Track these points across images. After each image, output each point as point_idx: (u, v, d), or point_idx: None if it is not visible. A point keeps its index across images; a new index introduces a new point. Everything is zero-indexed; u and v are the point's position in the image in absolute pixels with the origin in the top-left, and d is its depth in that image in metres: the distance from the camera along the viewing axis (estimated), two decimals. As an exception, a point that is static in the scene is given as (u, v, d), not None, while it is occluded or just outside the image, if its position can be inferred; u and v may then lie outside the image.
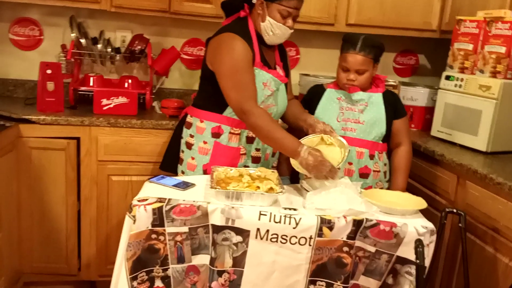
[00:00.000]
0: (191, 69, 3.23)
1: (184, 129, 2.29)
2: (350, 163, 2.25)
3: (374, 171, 2.26)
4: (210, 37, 2.21)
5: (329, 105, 2.33)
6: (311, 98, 2.40)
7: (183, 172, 2.26)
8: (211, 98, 2.19)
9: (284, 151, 2.05)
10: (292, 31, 2.16)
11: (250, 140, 2.21)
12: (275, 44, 2.22)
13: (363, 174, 2.25)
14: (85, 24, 3.01)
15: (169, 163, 2.36)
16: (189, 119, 2.28)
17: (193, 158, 2.24)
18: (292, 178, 2.37)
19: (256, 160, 2.24)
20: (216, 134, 2.19)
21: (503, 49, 2.40)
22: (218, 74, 2.11)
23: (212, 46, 2.16)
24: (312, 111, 2.33)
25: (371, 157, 2.26)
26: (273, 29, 2.12)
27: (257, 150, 2.24)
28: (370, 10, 2.97)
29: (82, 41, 2.81)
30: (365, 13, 2.97)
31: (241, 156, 2.21)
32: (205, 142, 2.21)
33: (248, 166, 2.21)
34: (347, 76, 2.23)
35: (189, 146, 2.25)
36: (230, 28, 2.14)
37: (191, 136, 2.24)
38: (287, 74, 2.32)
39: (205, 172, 2.20)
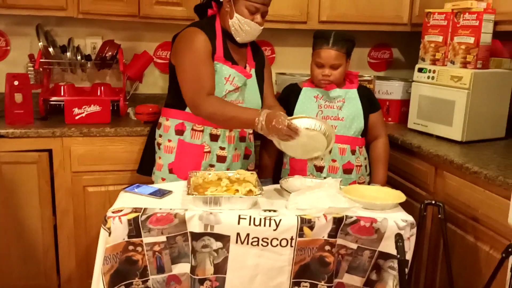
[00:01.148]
0: (165, 73, 3.18)
1: (156, 130, 2.29)
2: (333, 160, 2.25)
3: (356, 166, 2.28)
4: (176, 34, 2.20)
5: (308, 104, 2.32)
6: (287, 98, 2.38)
7: (154, 173, 2.26)
8: (175, 94, 2.18)
9: (245, 126, 2.07)
10: (261, 28, 2.14)
11: (214, 138, 2.18)
12: (245, 41, 2.20)
13: (347, 170, 2.26)
14: (53, 32, 2.94)
15: (145, 166, 2.34)
16: (160, 119, 2.29)
17: (160, 158, 2.24)
18: (275, 180, 2.34)
19: (221, 159, 2.21)
20: (180, 132, 2.18)
21: (471, 40, 2.42)
22: (177, 68, 2.12)
23: (175, 41, 2.17)
24: (289, 110, 2.31)
25: (353, 152, 2.27)
26: (242, 26, 2.10)
27: (222, 148, 2.20)
28: (342, 5, 2.97)
29: (50, 49, 2.75)
30: (337, 9, 2.97)
31: (205, 154, 2.18)
32: (169, 141, 2.20)
33: (213, 165, 2.19)
34: (322, 72, 2.23)
35: (158, 146, 2.25)
36: (194, 24, 2.16)
37: (160, 136, 2.25)
38: (261, 77, 2.29)
39: (171, 171, 2.19)
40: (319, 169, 2.26)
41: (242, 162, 2.29)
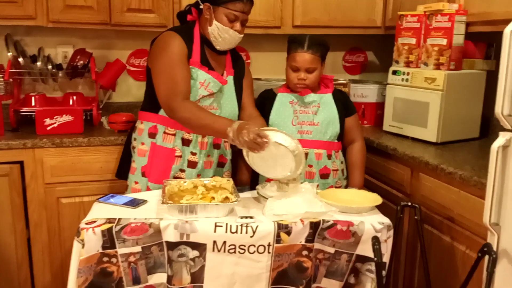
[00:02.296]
0: (139, 80, 3.15)
1: (132, 134, 2.29)
2: (310, 166, 2.25)
3: (333, 170, 2.27)
4: (154, 38, 2.20)
5: (283, 109, 2.31)
6: (262, 104, 2.37)
7: (128, 177, 2.26)
8: (150, 98, 2.18)
9: (217, 134, 2.05)
10: (241, 36, 2.14)
11: (186, 142, 2.16)
12: (224, 49, 2.19)
13: (324, 175, 2.25)
14: (22, 42, 2.88)
15: (123, 170, 2.32)
16: (136, 123, 2.29)
17: (133, 161, 2.22)
18: (252, 187, 2.32)
19: (192, 165, 2.18)
20: (152, 134, 2.17)
21: (444, 41, 2.44)
22: (152, 71, 2.12)
23: (152, 45, 2.17)
24: (265, 117, 2.31)
25: (329, 157, 2.27)
26: (220, 33, 2.10)
27: (193, 154, 2.18)
28: (315, 10, 2.98)
29: (20, 60, 2.70)
30: (311, 14, 2.98)
31: (176, 158, 2.16)
32: (142, 144, 2.20)
33: (184, 170, 2.17)
34: (297, 76, 2.23)
35: (133, 149, 2.24)
36: (172, 28, 2.17)
37: (134, 139, 2.24)
38: (240, 85, 2.28)
39: (143, 174, 2.18)
40: None
41: (215, 170, 2.26)
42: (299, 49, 2.21)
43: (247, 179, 2.36)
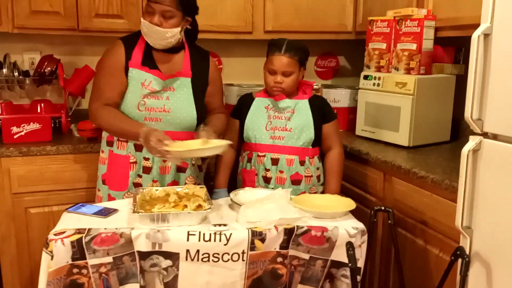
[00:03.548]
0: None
1: None
2: (281, 171, 2.23)
3: (306, 176, 2.25)
4: None
5: (258, 114, 2.30)
6: (240, 108, 2.36)
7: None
8: None
9: (133, 138, 2.04)
10: (164, 30, 2.03)
11: (138, 148, 2.12)
12: (157, 45, 2.10)
13: (295, 181, 2.23)
14: (-13, 49, 2.81)
15: None
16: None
17: (97, 170, 2.23)
18: (230, 189, 2.30)
19: (146, 171, 2.14)
20: (110, 142, 2.18)
21: (414, 46, 2.48)
22: None
23: None
24: (242, 121, 2.31)
25: (302, 163, 2.24)
26: (143, 28, 2.07)
27: (146, 159, 2.14)
28: (286, 16, 2.98)
29: (-14, 66, 2.63)
30: (282, 19, 2.98)
31: (132, 164, 2.13)
32: (102, 152, 2.21)
33: (141, 176, 2.14)
34: (274, 79, 2.22)
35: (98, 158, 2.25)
36: (123, 36, 2.19)
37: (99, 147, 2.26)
38: (200, 86, 2.22)
39: (104, 182, 2.17)
40: (267, 180, 2.24)
41: (175, 175, 2.20)
42: (276, 52, 2.20)
43: (224, 182, 2.35)
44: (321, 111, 2.29)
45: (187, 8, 2.09)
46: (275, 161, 2.23)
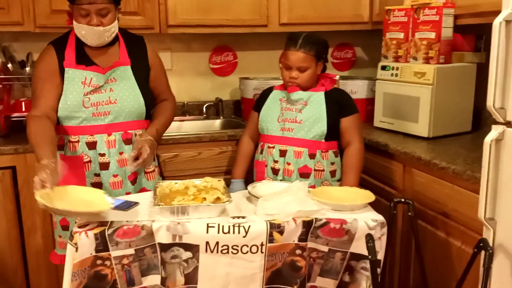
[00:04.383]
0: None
1: None
2: (288, 163, 2.23)
3: (316, 170, 2.22)
4: None
5: (272, 106, 2.32)
6: (259, 100, 2.39)
7: None
8: None
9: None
10: (103, 28, 1.99)
11: (91, 146, 2.08)
12: (97, 44, 2.06)
13: (303, 174, 2.22)
14: (11, 48, 2.86)
15: None
16: None
17: None
18: (247, 181, 2.33)
19: (104, 167, 2.10)
20: (60, 146, 2.10)
21: (432, 35, 2.44)
22: None
23: None
24: (259, 112, 2.35)
25: (312, 156, 2.22)
26: (79, 31, 2.02)
27: (102, 155, 2.09)
28: (301, 7, 2.97)
29: (9, 65, 2.68)
30: (297, 11, 2.97)
31: (86, 164, 2.09)
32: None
33: (98, 174, 2.10)
34: (289, 74, 2.22)
35: None
36: (53, 40, 2.14)
37: None
38: (142, 72, 2.17)
39: None
40: (275, 171, 2.25)
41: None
42: (292, 47, 2.19)
43: (241, 173, 2.38)
44: (339, 104, 2.25)
45: None
46: (283, 153, 2.23)
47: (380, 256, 1.80)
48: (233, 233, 1.72)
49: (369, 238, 1.72)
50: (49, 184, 1.66)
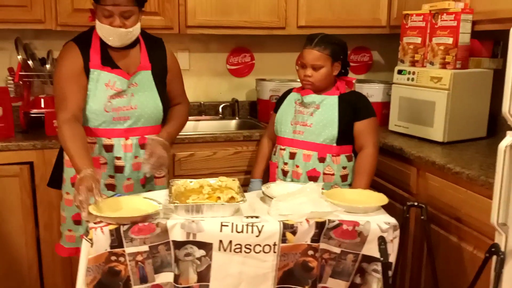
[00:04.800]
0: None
1: None
2: (297, 166, 2.25)
3: (325, 174, 2.22)
4: None
5: (287, 108, 2.34)
6: (278, 102, 2.43)
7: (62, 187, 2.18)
8: None
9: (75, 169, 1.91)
10: (127, 30, 1.99)
11: (108, 148, 2.08)
12: (119, 45, 2.06)
13: (312, 177, 2.22)
14: (32, 45, 2.92)
15: (54, 179, 2.23)
16: None
17: (64, 172, 2.16)
18: (265, 181, 2.37)
19: (119, 170, 2.10)
20: None
21: (450, 40, 2.44)
22: None
23: None
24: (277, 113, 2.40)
25: (321, 160, 2.22)
26: (102, 32, 2.02)
27: (118, 158, 2.09)
28: (320, 10, 2.99)
29: (30, 62, 2.73)
30: (315, 14, 2.99)
31: (102, 165, 2.08)
32: None
33: (113, 176, 2.10)
34: (304, 72, 2.23)
35: (64, 161, 2.16)
36: (74, 37, 2.11)
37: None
38: (162, 77, 2.17)
39: (73, 185, 2.05)
40: (284, 173, 2.29)
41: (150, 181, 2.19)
42: (308, 46, 2.21)
43: (259, 173, 2.43)
44: (354, 108, 2.23)
45: (141, 1, 2.03)
46: (292, 155, 2.26)
47: (392, 259, 1.80)
48: (247, 232, 1.73)
49: (382, 241, 1.73)
50: (97, 194, 1.74)
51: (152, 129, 2.14)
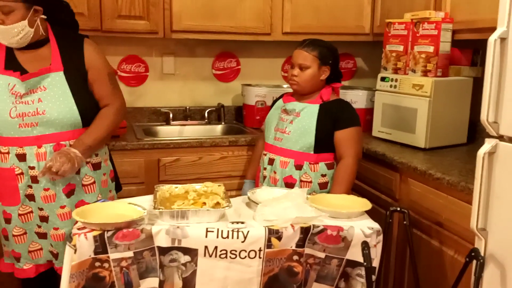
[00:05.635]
0: (130, 86, 3.18)
1: None
2: (274, 172, 2.29)
3: (302, 181, 2.24)
4: None
5: (274, 113, 2.39)
6: (271, 106, 2.49)
7: None
8: None
9: None
10: (9, 26, 1.87)
11: (21, 158, 1.98)
12: (14, 45, 1.96)
13: (288, 184, 2.24)
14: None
15: None
16: None
17: None
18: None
19: (35, 180, 1.99)
20: None
21: (431, 48, 2.49)
22: None
23: None
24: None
25: (298, 167, 2.24)
26: None
27: (31, 168, 1.98)
28: (304, 17, 3.02)
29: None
30: (300, 20, 3.02)
31: (18, 176, 1.99)
32: None
33: (31, 186, 2.01)
34: (291, 72, 2.26)
35: None
36: None
37: None
38: (76, 79, 2.02)
39: None
40: (264, 178, 2.35)
41: (70, 178, 2.04)
42: (298, 47, 2.27)
43: (252, 174, 2.50)
44: (334, 117, 2.22)
45: None
46: (271, 161, 2.30)
47: (375, 263, 1.83)
48: (232, 238, 1.74)
49: (365, 246, 1.76)
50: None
51: (69, 134, 2.01)
